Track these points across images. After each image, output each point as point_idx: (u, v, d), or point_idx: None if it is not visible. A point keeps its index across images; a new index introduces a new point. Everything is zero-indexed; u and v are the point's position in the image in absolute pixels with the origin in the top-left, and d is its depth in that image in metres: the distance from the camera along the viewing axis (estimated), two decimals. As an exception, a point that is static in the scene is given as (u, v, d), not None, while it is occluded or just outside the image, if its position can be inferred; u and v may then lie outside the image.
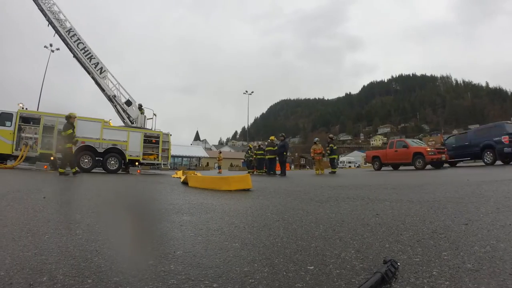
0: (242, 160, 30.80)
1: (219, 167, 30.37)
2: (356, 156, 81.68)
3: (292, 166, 61.06)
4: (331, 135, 20.00)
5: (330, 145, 18.28)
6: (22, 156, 14.70)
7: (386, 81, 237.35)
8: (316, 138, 19.37)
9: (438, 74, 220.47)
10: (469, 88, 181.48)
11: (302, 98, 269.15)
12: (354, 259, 1.57)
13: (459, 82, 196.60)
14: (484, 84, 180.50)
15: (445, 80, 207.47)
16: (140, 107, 20.01)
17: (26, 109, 16.28)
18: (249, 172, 17.89)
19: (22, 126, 14.99)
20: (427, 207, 3.15)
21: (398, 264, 1.39)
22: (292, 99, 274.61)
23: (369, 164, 21.24)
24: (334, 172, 16.75)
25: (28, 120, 15.24)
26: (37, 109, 22.49)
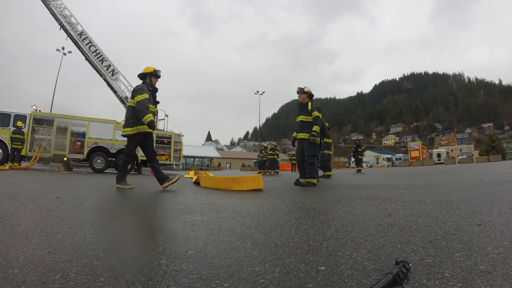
0: (254, 160, 30.47)
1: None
2: (368, 156, 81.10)
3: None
4: (360, 138, 21.73)
5: (361, 148, 19.84)
6: (35, 157, 14.94)
7: (397, 79, 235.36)
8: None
9: (450, 72, 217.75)
10: (482, 86, 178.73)
11: (314, 98, 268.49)
12: (366, 259, 1.56)
13: (471, 80, 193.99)
14: (497, 82, 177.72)
15: (458, 78, 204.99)
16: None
17: (40, 111, 16.52)
18: (259, 172, 17.89)
19: (36, 128, 15.23)
20: (440, 208, 3.12)
21: (410, 265, 1.38)
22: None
23: (382, 164, 21.33)
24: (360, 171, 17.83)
25: (41, 121, 15.49)
26: (50, 111, 22.80)
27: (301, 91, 7.87)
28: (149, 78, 6.21)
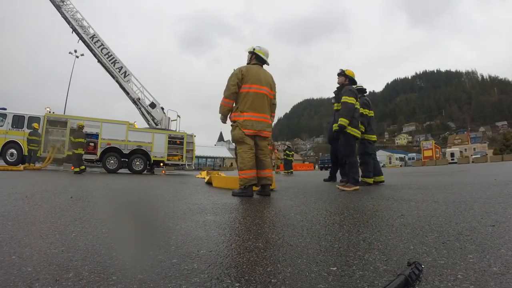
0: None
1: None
2: (381, 156, 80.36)
3: (316, 166, 60.71)
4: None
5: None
6: (49, 158, 15.16)
7: (410, 78, 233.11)
8: None
9: (463, 69, 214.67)
10: (495, 83, 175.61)
11: (326, 98, 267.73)
12: (378, 260, 1.55)
13: (485, 78, 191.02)
14: (511, 79, 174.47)
15: (471, 75, 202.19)
16: (162, 110, 20.28)
17: (53, 113, 16.77)
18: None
19: (50, 129, 15.47)
20: (453, 208, 3.08)
21: (422, 266, 1.36)
22: (315, 98, 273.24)
23: (395, 163, 21.05)
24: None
25: (55, 123, 15.72)
26: (64, 113, 23.10)
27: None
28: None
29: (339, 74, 6.23)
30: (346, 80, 6.16)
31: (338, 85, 6.38)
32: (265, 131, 5.01)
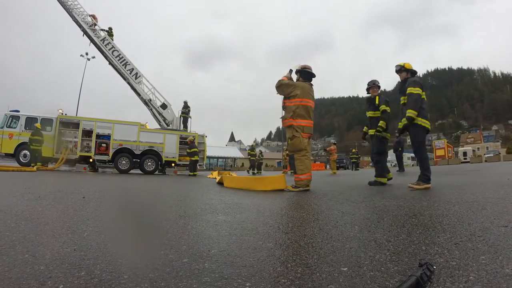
0: (278, 161, 30.24)
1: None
2: (392, 155, 79.61)
3: (327, 166, 60.41)
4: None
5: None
6: (62, 159, 15.36)
7: (421, 76, 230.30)
8: (332, 140, 22.28)
9: (475, 67, 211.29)
10: (508, 80, 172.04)
11: (336, 97, 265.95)
12: (389, 261, 1.54)
13: (497, 75, 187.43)
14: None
15: (483, 73, 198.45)
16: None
17: (66, 114, 16.97)
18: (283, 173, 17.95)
19: (62, 131, 15.67)
20: (466, 208, 3.04)
21: (434, 267, 1.35)
22: (326, 97, 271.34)
23: (406, 163, 21.09)
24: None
25: (67, 124, 15.92)
26: (76, 114, 23.35)
27: (374, 85, 7.53)
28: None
29: (399, 71, 6.17)
30: (408, 74, 6.10)
31: (368, 98, 7.47)
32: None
